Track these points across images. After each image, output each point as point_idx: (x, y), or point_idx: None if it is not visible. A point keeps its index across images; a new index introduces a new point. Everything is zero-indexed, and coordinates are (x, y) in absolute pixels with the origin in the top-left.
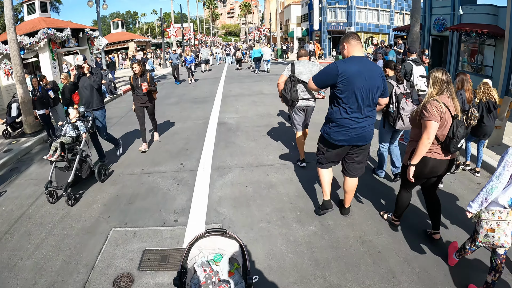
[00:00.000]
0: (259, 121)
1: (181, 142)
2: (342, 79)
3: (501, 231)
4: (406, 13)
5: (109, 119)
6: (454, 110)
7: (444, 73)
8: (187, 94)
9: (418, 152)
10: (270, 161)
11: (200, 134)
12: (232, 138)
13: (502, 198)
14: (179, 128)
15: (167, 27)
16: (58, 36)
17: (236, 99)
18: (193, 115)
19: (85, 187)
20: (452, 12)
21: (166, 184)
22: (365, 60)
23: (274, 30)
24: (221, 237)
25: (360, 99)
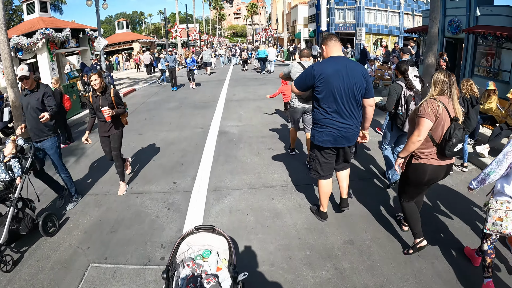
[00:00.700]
0: (264, 130)
1: (177, 154)
2: (319, 80)
3: (508, 220)
4: (416, 15)
5: None
6: (454, 112)
7: (446, 75)
8: (188, 98)
9: (406, 147)
10: (276, 181)
11: (198, 145)
12: (233, 151)
13: (508, 189)
14: (176, 137)
15: (172, 28)
16: (57, 36)
17: (239, 105)
18: (192, 122)
19: (60, 211)
20: (467, 13)
21: (155, 209)
22: (344, 59)
23: (280, 31)
24: (209, 233)
25: (339, 98)
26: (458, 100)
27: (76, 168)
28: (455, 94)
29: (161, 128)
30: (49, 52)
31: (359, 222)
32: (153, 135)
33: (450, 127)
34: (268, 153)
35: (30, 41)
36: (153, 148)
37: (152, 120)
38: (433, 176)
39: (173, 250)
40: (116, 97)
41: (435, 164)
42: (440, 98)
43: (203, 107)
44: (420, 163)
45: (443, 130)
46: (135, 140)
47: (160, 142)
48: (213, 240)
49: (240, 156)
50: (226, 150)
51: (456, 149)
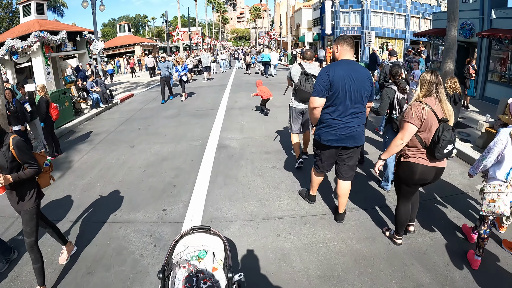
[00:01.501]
0: (268, 144)
1: (170, 173)
2: (333, 81)
3: (501, 201)
4: (426, 18)
5: (96, 135)
6: (442, 113)
7: (433, 75)
8: (188, 105)
9: (389, 149)
10: (282, 210)
11: (194, 162)
12: (233, 170)
13: (499, 173)
14: (170, 151)
15: (173, 31)
16: (52, 39)
17: (241, 113)
18: (189, 133)
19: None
20: (481, 16)
21: (139, 244)
22: (354, 63)
23: (284, 34)
24: (205, 234)
25: (348, 100)
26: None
27: (59, 186)
28: (443, 95)
29: (156, 140)
30: (44, 56)
31: (383, 267)
32: (146, 148)
33: (439, 129)
34: (273, 173)
35: (24, 44)
36: (144, 164)
37: (147, 130)
38: (423, 176)
39: (169, 251)
40: (19, 151)
41: (424, 164)
42: (427, 100)
43: (202, 116)
44: (409, 162)
45: (431, 132)
46: (126, 153)
47: (152, 157)
48: (209, 240)
49: (241, 177)
50: (225, 169)
51: (446, 150)
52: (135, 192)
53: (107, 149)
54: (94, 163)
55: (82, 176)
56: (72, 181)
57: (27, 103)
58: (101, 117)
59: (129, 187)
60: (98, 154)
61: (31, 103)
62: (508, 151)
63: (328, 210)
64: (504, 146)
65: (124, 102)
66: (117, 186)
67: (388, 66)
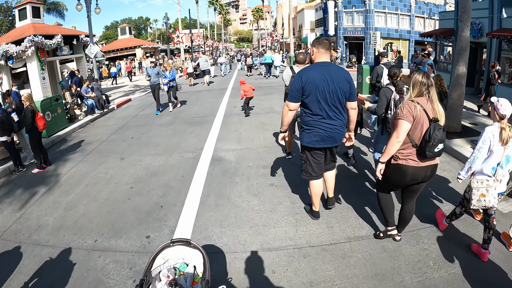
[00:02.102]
0: (266, 157)
1: (158, 191)
2: (306, 84)
3: (490, 195)
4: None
5: (88, 144)
6: (433, 113)
7: (424, 76)
8: (184, 111)
9: (386, 151)
10: (279, 239)
11: (185, 178)
12: (226, 188)
13: (486, 169)
14: (161, 165)
15: (173, 33)
16: (47, 43)
17: (240, 120)
18: (183, 143)
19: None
20: (490, 15)
21: (118, 279)
22: (329, 65)
23: (286, 36)
24: (185, 247)
25: (325, 101)
26: None
27: (43, 203)
28: (434, 95)
29: (147, 151)
30: (39, 61)
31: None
32: (136, 161)
33: (429, 128)
34: (271, 192)
35: (18, 49)
36: (132, 179)
37: (139, 139)
38: (414, 177)
39: (148, 264)
40: None
41: (413, 165)
42: (418, 99)
43: (199, 123)
44: (399, 164)
45: (422, 131)
46: (115, 166)
47: (141, 171)
48: (189, 254)
49: (235, 197)
50: (218, 187)
51: (436, 149)
52: (119, 213)
53: (96, 161)
54: (82, 176)
55: (67, 192)
56: (56, 197)
57: (14, 113)
58: (95, 124)
59: (113, 206)
60: (87, 166)
61: (18, 112)
62: (494, 148)
63: (332, 239)
64: (489, 145)
65: (121, 107)
66: (101, 205)
67: (381, 67)
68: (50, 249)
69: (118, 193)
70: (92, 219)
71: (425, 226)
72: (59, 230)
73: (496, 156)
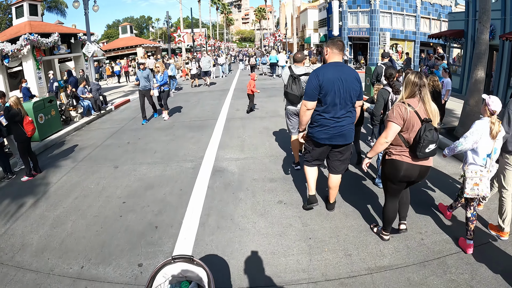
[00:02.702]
0: (273, 168)
1: (153, 208)
2: (323, 83)
3: (483, 185)
4: (436, 19)
5: (81, 150)
6: (425, 114)
7: (417, 77)
8: (185, 114)
9: (374, 148)
10: (290, 271)
11: (183, 192)
12: (229, 206)
13: (478, 160)
14: (157, 176)
15: (174, 32)
16: (43, 42)
17: (243, 124)
18: (182, 150)
19: None
20: (503, 16)
21: None
22: (342, 65)
23: (289, 36)
24: (188, 264)
25: (338, 100)
26: None
27: (30, 217)
28: (426, 96)
29: (143, 159)
30: (35, 60)
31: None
32: (131, 170)
33: (421, 129)
34: (279, 211)
35: (14, 47)
36: (125, 192)
37: (135, 145)
38: (408, 174)
39: (148, 282)
40: None
41: (408, 161)
42: (410, 101)
43: (199, 128)
44: (393, 159)
45: (414, 132)
46: (107, 176)
47: (136, 183)
48: (192, 271)
49: (239, 217)
50: (220, 205)
51: (427, 150)
52: (109, 234)
53: (89, 169)
54: (72, 187)
55: (56, 205)
56: (44, 211)
57: (2, 117)
58: (91, 126)
59: (103, 225)
60: (78, 175)
61: (7, 116)
62: (484, 140)
63: (351, 270)
64: (479, 136)
65: (119, 108)
66: (90, 222)
67: (381, 67)
68: (33, 275)
69: (109, 209)
70: (80, 239)
71: (450, 252)
72: (43, 252)
73: (486, 148)
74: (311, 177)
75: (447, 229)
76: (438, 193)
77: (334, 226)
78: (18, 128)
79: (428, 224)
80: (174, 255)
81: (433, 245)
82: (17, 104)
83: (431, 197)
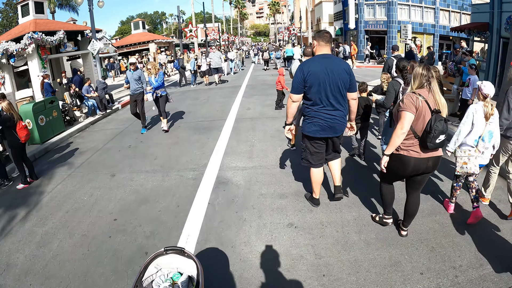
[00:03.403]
0: (283, 180)
1: (145, 228)
2: (307, 76)
3: (471, 163)
4: (456, 11)
5: (80, 154)
6: (435, 105)
7: (425, 69)
8: (191, 113)
9: (391, 142)
10: None
11: (181, 209)
12: (231, 229)
13: (469, 140)
14: (155, 187)
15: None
16: (48, 40)
17: (253, 126)
18: (184, 157)
19: None
20: None
21: None
22: (329, 57)
23: (304, 29)
24: (179, 255)
25: (325, 92)
26: None
27: (18, 232)
28: (435, 87)
29: (142, 166)
30: (40, 59)
31: None
32: (127, 179)
33: (431, 119)
34: (289, 237)
35: (18, 46)
36: (118, 208)
37: (136, 149)
38: (416, 168)
39: (139, 273)
40: None
41: (415, 156)
42: (420, 91)
43: (206, 129)
44: (400, 155)
45: (424, 122)
46: (102, 186)
47: (130, 196)
48: (183, 263)
49: (241, 244)
50: (220, 227)
51: (438, 140)
52: (95, 259)
53: (84, 177)
54: (65, 198)
55: (46, 220)
56: (33, 225)
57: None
58: (95, 127)
59: (90, 247)
60: (73, 183)
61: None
62: (476, 122)
63: None
64: (472, 119)
65: (126, 107)
66: (77, 243)
67: (391, 59)
68: None
69: (98, 227)
70: (64, 263)
71: None
72: (26, 275)
73: (478, 130)
74: (316, 180)
75: (485, 262)
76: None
77: (353, 258)
78: (11, 134)
79: (463, 255)
80: (166, 247)
81: (469, 284)
82: (9, 109)
83: (464, 225)
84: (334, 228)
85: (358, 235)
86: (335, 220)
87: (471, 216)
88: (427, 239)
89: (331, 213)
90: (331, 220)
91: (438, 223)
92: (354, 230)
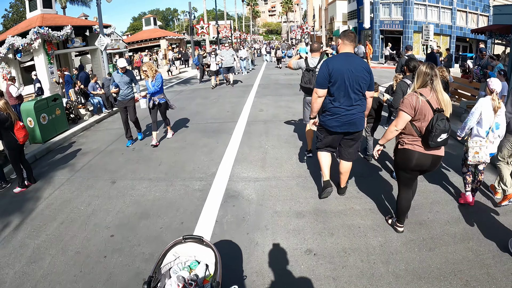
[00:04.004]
0: (301, 195)
1: (144, 249)
2: (332, 73)
3: (482, 153)
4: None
5: (82, 156)
6: (437, 103)
7: (429, 67)
8: (200, 114)
9: (384, 135)
10: None
11: (184, 227)
12: (242, 255)
13: (481, 131)
14: (157, 198)
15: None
16: (54, 35)
17: (266, 130)
18: (191, 163)
19: None
20: None
21: None
22: (352, 55)
23: (317, 28)
24: (197, 244)
25: (347, 89)
26: None
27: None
28: (438, 85)
29: (145, 173)
30: (46, 54)
31: None
32: (128, 188)
33: (433, 118)
34: (307, 267)
35: (24, 41)
36: (116, 222)
37: (140, 152)
38: (419, 162)
39: (158, 260)
40: None
41: (420, 151)
42: (422, 90)
43: (215, 132)
44: (405, 149)
45: (426, 121)
46: (101, 195)
47: (130, 208)
48: (201, 251)
49: (252, 275)
50: (229, 250)
51: (439, 139)
52: (88, 283)
53: (84, 183)
54: (61, 206)
55: (39, 231)
56: (25, 237)
57: None
58: (99, 126)
59: (83, 268)
60: (71, 190)
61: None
62: (485, 115)
63: None
64: (480, 111)
65: None
66: (70, 261)
67: (404, 58)
68: None
69: (93, 244)
70: (54, 285)
71: None
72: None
73: (488, 122)
74: (325, 162)
75: None
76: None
77: None
78: (8, 135)
79: None
80: (185, 235)
81: None
82: (5, 109)
83: (499, 253)
84: (359, 257)
85: (386, 266)
86: (359, 247)
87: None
88: (461, 270)
89: (355, 238)
90: (355, 247)
91: (472, 251)
92: (380, 259)
